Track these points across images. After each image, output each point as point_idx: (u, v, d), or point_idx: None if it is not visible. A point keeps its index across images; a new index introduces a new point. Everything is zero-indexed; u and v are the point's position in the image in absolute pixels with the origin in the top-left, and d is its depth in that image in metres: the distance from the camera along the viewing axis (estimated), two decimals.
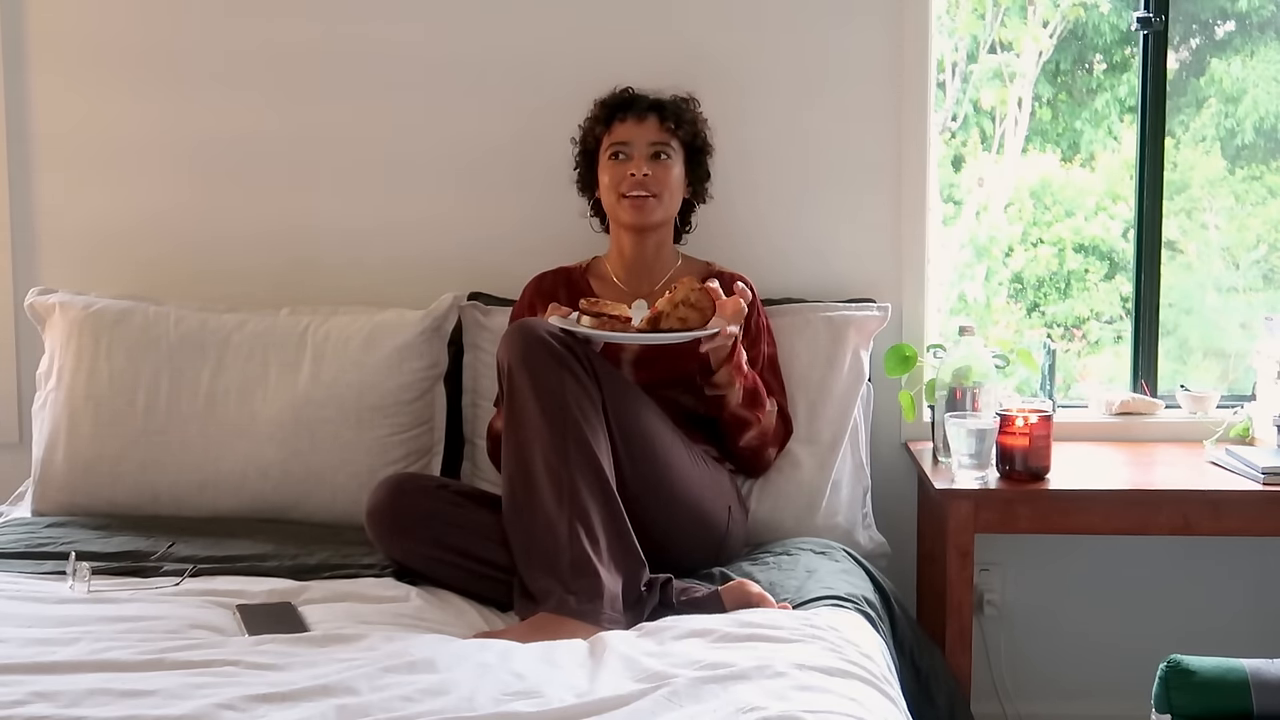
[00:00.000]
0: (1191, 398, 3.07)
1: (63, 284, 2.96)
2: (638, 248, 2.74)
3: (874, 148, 2.99)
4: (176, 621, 2.12)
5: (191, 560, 2.43)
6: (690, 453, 2.49)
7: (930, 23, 2.96)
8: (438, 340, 2.82)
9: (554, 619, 2.15)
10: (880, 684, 1.94)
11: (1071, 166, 4.04)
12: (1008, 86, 3.95)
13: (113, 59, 3.04)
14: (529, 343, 2.32)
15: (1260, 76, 3.64)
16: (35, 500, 2.76)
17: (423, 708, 1.74)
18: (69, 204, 3.07)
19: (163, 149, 3.05)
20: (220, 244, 3.06)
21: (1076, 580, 3.10)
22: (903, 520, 3.00)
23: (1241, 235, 3.68)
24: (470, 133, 3.02)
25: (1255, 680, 2.00)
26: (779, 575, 2.41)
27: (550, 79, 2.98)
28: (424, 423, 2.79)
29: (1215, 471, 2.74)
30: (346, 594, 2.28)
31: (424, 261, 3.02)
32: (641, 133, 2.68)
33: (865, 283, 3.00)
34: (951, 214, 3.92)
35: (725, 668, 1.88)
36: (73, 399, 2.76)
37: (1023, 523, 2.64)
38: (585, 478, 2.25)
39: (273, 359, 2.76)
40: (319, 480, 2.69)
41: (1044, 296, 4.04)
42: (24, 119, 3.05)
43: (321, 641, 2.02)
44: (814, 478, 2.71)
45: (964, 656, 2.61)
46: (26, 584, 2.31)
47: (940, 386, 2.76)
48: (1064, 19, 3.89)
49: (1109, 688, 3.05)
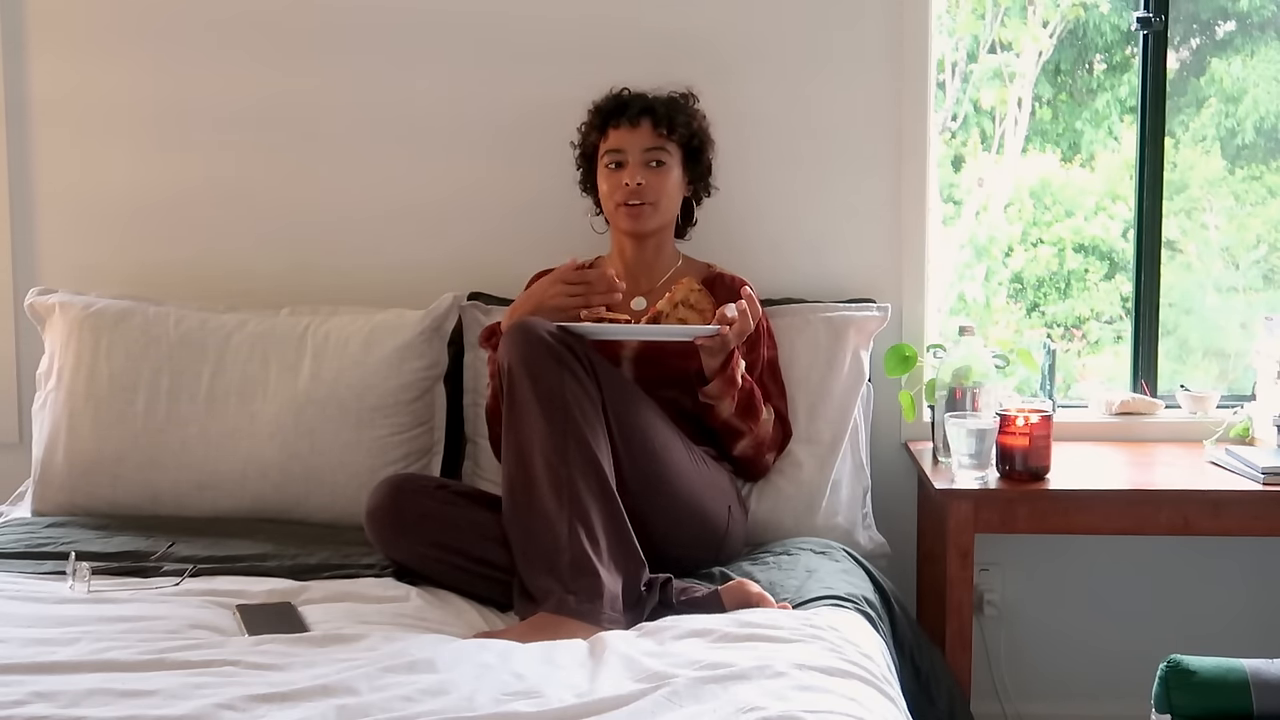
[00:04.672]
0: (1191, 398, 3.07)
1: (63, 284, 2.96)
2: (638, 250, 2.74)
3: (874, 148, 2.99)
4: (176, 621, 2.12)
5: (191, 560, 2.43)
6: (690, 453, 2.49)
7: (930, 22, 2.96)
8: (438, 340, 2.82)
9: (554, 619, 2.15)
10: (880, 684, 1.94)
11: (1071, 166, 4.04)
12: (1008, 86, 3.95)
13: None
14: (529, 343, 2.31)
15: (1260, 76, 3.64)
16: (35, 500, 2.76)
17: (423, 708, 1.74)
18: (69, 203, 3.07)
19: (163, 148, 3.05)
20: (220, 244, 3.06)
21: (1076, 580, 3.10)
22: (903, 520, 3.00)
23: (1241, 235, 3.67)
24: (471, 132, 3.02)
25: (1255, 680, 2.00)
26: (779, 575, 2.41)
27: (550, 75, 2.98)
28: (424, 423, 2.79)
29: (1215, 471, 2.74)
30: (346, 594, 2.28)
31: (424, 261, 3.02)
32: (635, 139, 2.67)
33: (865, 283, 3.00)
34: (951, 214, 3.92)
35: (725, 668, 1.88)
36: (73, 399, 2.76)
37: (1022, 523, 2.64)
38: (585, 478, 2.25)
39: (273, 359, 2.76)
40: (319, 480, 2.69)
41: (1044, 296, 4.04)
42: (24, 118, 3.05)
43: (321, 641, 2.02)
44: (814, 478, 2.71)
45: (964, 656, 2.61)
46: (26, 584, 2.31)
47: (940, 386, 2.76)
48: (1064, 19, 3.89)
49: (1109, 688, 3.05)
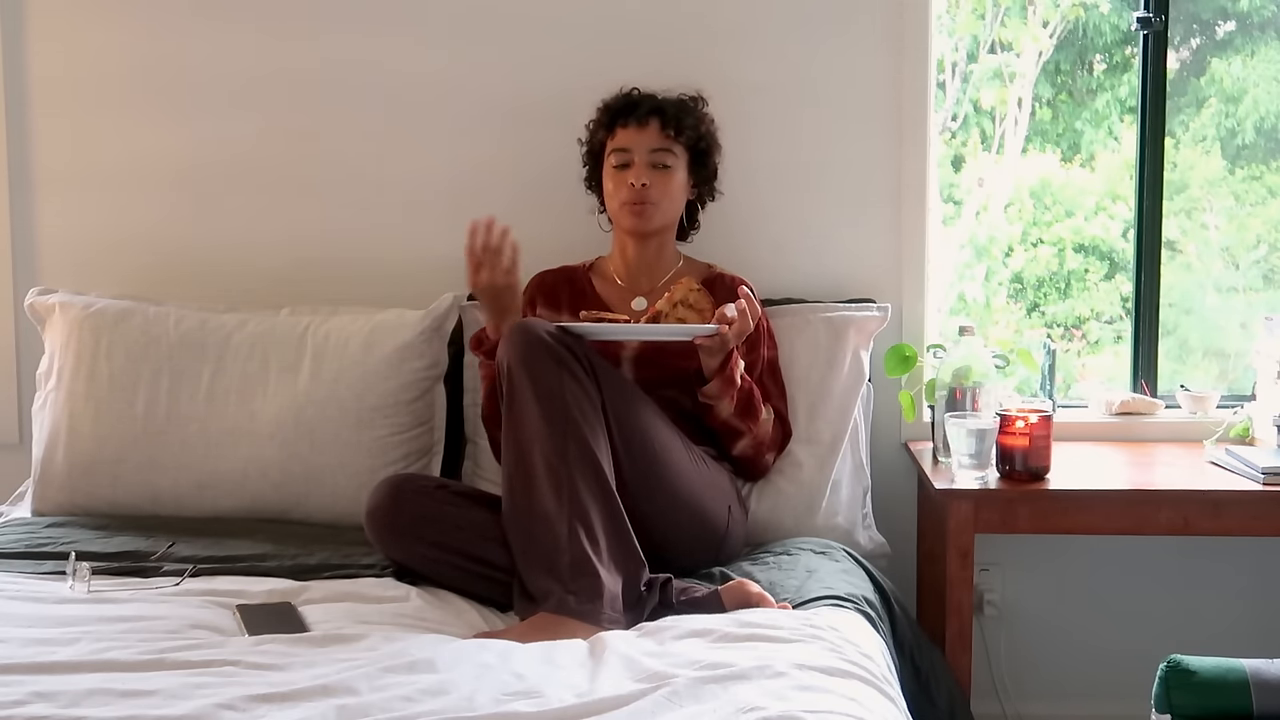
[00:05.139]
0: (1191, 398, 3.07)
1: (63, 284, 2.96)
2: (639, 249, 2.74)
3: (874, 147, 2.99)
4: (176, 621, 2.12)
5: (191, 560, 2.43)
6: (690, 452, 2.49)
7: (930, 23, 2.96)
8: (438, 340, 2.82)
9: (554, 619, 2.15)
10: (880, 684, 1.94)
11: (1071, 166, 4.04)
12: (1008, 86, 3.95)
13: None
14: (529, 343, 2.31)
15: (1260, 76, 3.64)
16: (35, 500, 2.76)
17: (423, 708, 1.74)
18: (70, 203, 3.07)
19: (164, 149, 3.05)
20: (220, 244, 3.06)
21: (1076, 580, 3.10)
22: (903, 520, 3.00)
23: (1241, 235, 3.68)
24: (471, 132, 3.02)
25: (1255, 680, 2.00)
26: (779, 575, 2.41)
27: (554, 68, 2.98)
28: (424, 423, 2.79)
29: (1215, 471, 2.74)
30: (346, 594, 2.28)
31: (424, 261, 3.02)
32: (642, 140, 2.67)
33: (865, 283, 3.00)
34: (951, 214, 3.92)
35: (725, 668, 1.88)
36: (73, 399, 2.76)
37: (1023, 523, 2.64)
38: (585, 478, 2.24)
39: (273, 359, 2.76)
40: (319, 480, 2.69)
41: (1044, 296, 4.04)
42: (25, 116, 3.05)
43: (321, 641, 2.02)
44: (814, 478, 2.71)
45: (964, 656, 2.61)
46: (26, 584, 2.31)
47: (940, 386, 2.76)
48: (1064, 19, 3.89)
49: (1109, 688, 3.05)
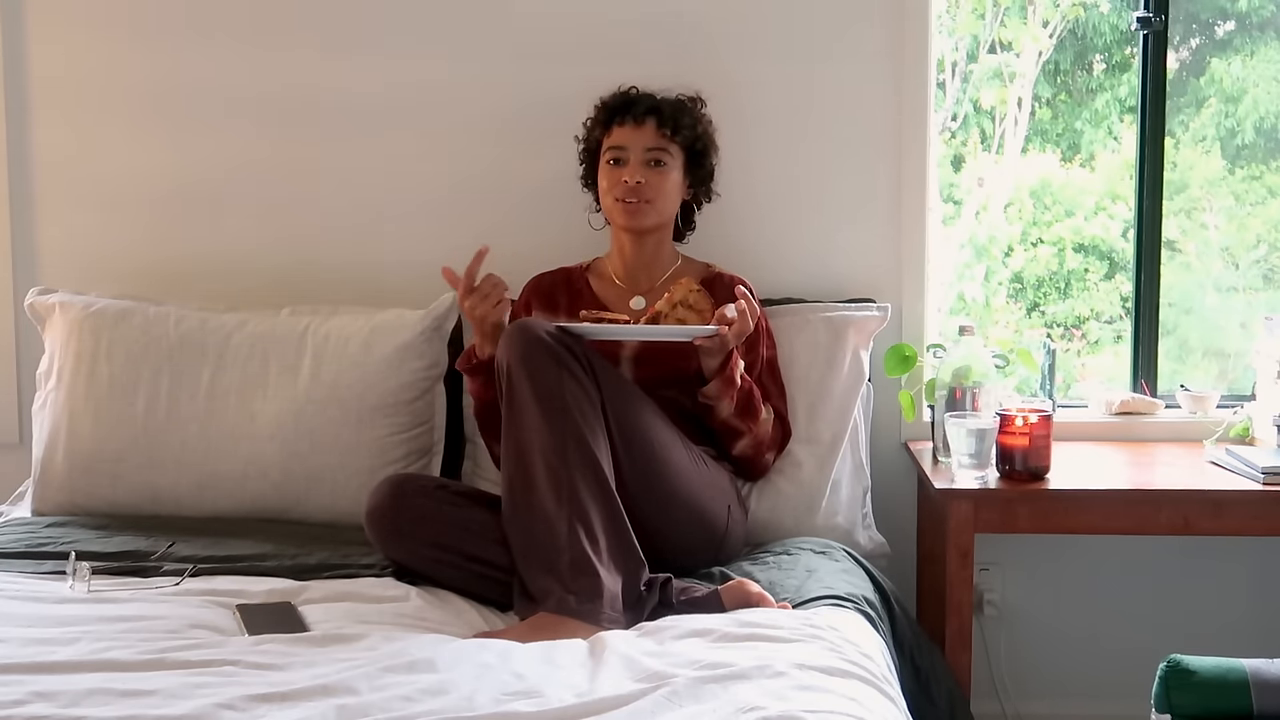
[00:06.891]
0: (1191, 397, 3.07)
1: (63, 284, 2.96)
2: (636, 248, 2.74)
3: (874, 147, 2.99)
4: (176, 621, 2.11)
5: (191, 560, 2.43)
6: (690, 452, 2.49)
7: (930, 23, 2.96)
8: (438, 340, 2.82)
9: (554, 619, 2.15)
10: (880, 684, 1.94)
11: (1071, 166, 4.04)
12: (1008, 86, 3.96)
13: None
14: (528, 343, 2.31)
15: (1260, 76, 3.64)
16: (35, 500, 2.76)
17: (423, 708, 1.74)
18: (70, 206, 3.07)
19: (165, 154, 3.05)
20: (221, 245, 3.06)
21: (1077, 580, 3.10)
22: (903, 520, 3.00)
23: (1241, 235, 3.68)
24: (471, 132, 3.02)
25: (1255, 680, 2.00)
26: (779, 575, 2.41)
27: (554, 71, 2.97)
28: (424, 423, 2.79)
29: (1215, 471, 2.74)
30: (346, 594, 2.28)
31: (424, 261, 3.00)
32: (638, 138, 2.67)
33: (865, 283, 3.00)
34: (951, 214, 3.92)
35: (725, 667, 1.88)
36: (73, 399, 2.75)
37: (1023, 523, 2.64)
38: (585, 478, 2.24)
39: (273, 359, 2.76)
40: (319, 480, 2.69)
41: (1044, 296, 4.04)
42: (26, 119, 3.05)
43: (321, 641, 2.02)
44: (814, 478, 2.71)
45: (964, 656, 2.61)
46: (26, 584, 2.31)
47: (940, 386, 2.76)
48: (1064, 19, 3.89)
49: (1109, 688, 3.05)
